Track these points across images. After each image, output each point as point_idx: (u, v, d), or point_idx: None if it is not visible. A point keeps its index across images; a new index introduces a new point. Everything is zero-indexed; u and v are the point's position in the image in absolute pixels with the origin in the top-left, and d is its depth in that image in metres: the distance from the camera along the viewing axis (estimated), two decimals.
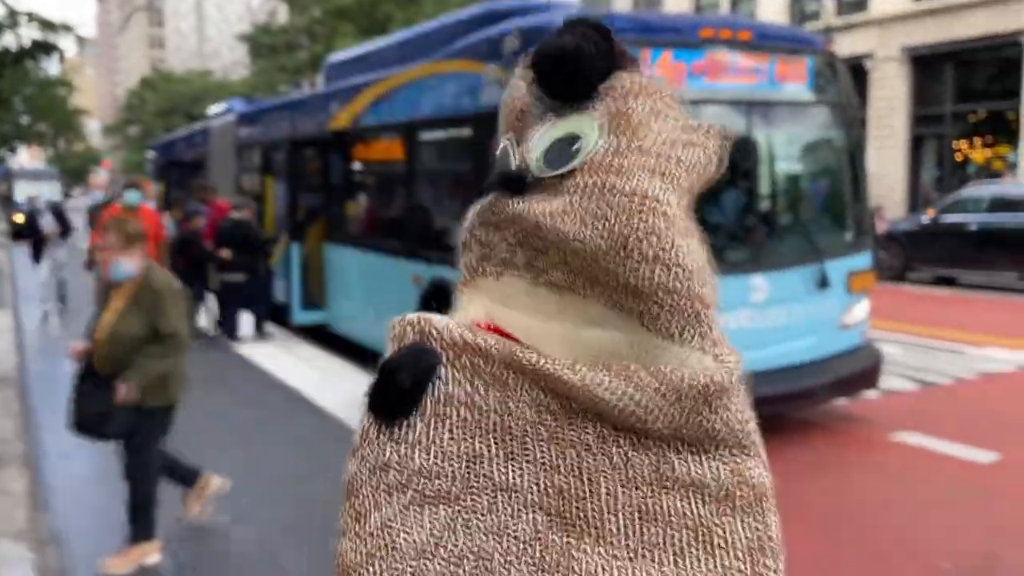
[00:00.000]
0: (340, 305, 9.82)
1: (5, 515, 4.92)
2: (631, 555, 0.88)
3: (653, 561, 0.88)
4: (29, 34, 16.72)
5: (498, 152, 0.99)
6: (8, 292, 14.93)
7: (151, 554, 4.34)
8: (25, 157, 66.63)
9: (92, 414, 4.25)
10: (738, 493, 0.91)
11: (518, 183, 0.93)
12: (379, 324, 8.63)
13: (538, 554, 0.88)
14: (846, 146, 6.99)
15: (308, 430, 6.66)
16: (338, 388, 7.74)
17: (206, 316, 10.74)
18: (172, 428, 4.50)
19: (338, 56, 11.69)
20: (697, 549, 0.89)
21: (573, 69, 0.94)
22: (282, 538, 4.66)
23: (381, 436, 0.89)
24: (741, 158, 6.33)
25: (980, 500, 5.32)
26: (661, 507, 0.89)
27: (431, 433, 0.88)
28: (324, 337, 10.19)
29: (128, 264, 4.33)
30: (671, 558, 0.88)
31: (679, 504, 0.89)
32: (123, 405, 4.18)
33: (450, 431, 0.88)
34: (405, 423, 0.89)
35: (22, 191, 33.06)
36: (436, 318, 0.92)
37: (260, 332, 10.45)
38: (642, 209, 0.87)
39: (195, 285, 10.11)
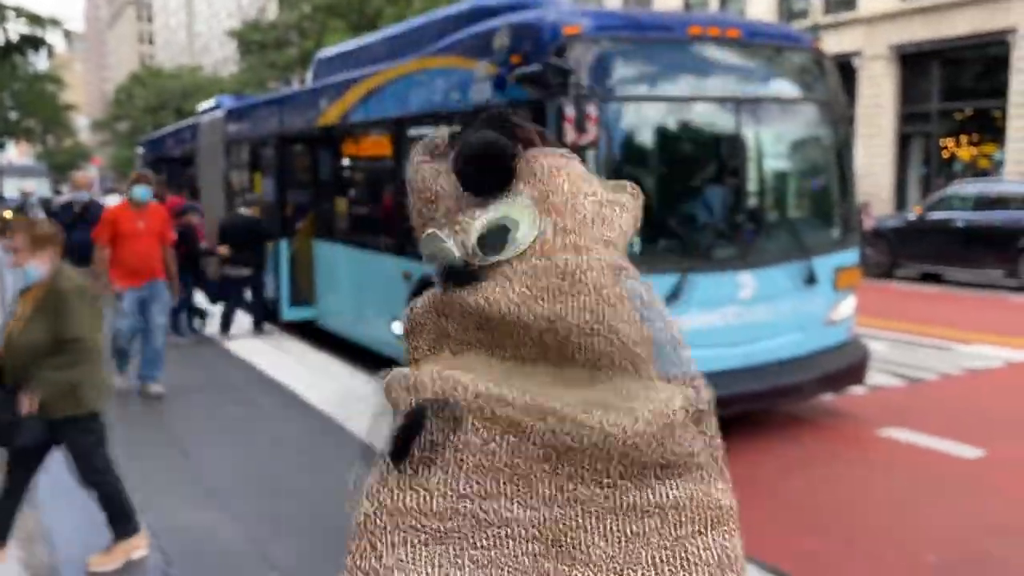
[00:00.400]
0: (329, 301, 9.82)
1: None
2: (615, 574, 1.00)
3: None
4: (17, 29, 16.64)
5: (428, 239, 1.11)
6: None
7: (138, 549, 4.34)
8: (14, 153, 66.21)
9: (2, 424, 4.03)
10: (709, 514, 1.04)
11: (468, 278, 1.05)
12: (369, 321, 8.64)
13: None
14: (834, 143, 7.03)
15: (297, 426, 6.66)
16: (326, 385, 7.74)
17: (197, 313, 10.70)
18: (104, 433, 4.34)
19: (327, 52, 11.68)
20: (673, 565, 1.01)
21: (486, 173, 1.06)
22: (271, 534, 4.66)
23: (401, 482, 0.99)
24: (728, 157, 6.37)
25: (966, 495, 5.37)
26: (643, 529, 1.02)
27: (450, 479, 0.99)
28: (312, 333, 10.18)
29: (37, 267, 4.14)
30: (651, 574, 1.01)
31: (658, 525, 1.02)
32: (29, 416, 3.99)
33: (467, 475, 0.99)
34: (426, 470, 0.99)
35: (11, 187, 32.86)
36: (459, 373, 1.03)
37: (259, 328, 10.44)
38: (581, 284, 1.03)
39: (189, 281, 10.07)
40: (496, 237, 1.05)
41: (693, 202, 6.53)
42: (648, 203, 5.94)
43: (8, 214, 27.87)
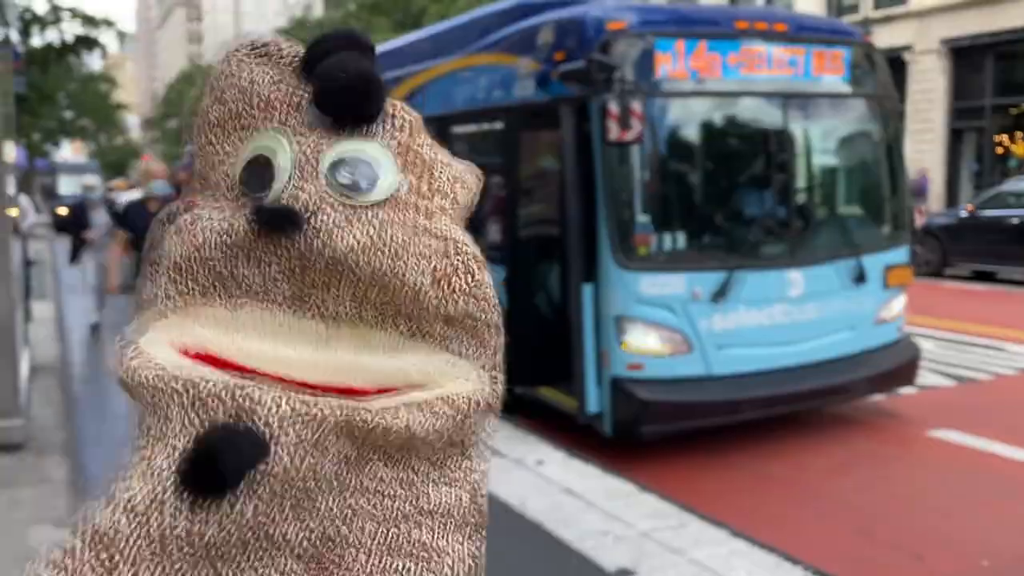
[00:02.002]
0: None
1: (46, 502, 5.02)
2: None
3: None
4: (72, 29, 16.98)
5: (265, 136, 0.95)
6: (50, 283, 15.19)
7: None
8: (68, 151, 67.65)
9: None
10: (471, 519, 0.98)
11: (294, 223, 0.89)
12: None
13: None
14: (884, 139, 6.90)
15: None
16: None
17: None
18: None
19: None
20: None
21: (369, 97, 0.94)
22: None
23: (177, 509, 0.86)
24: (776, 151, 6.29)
25: (1019, 498, 5.24)
26: (408, 539, 0.94)
27: (238, 508, 0.87)
28: None
29: None
30: None
31: (424, 536, 0.95)
32: None
33: (255, 504, 0.88)
34: (213, 500, 0.86)
35: (66, 185, 33.55)
36: (258, 390, 0.89)
37: None
38: (456, 251, 0.95)
39: None
40: (351, 174, 0.92)
41: (740, 199, 6.45)
42: (695, 199, 5.88)
43: (63, 211, 28.47)
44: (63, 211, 28.25)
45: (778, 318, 5.96)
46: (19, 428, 5.97)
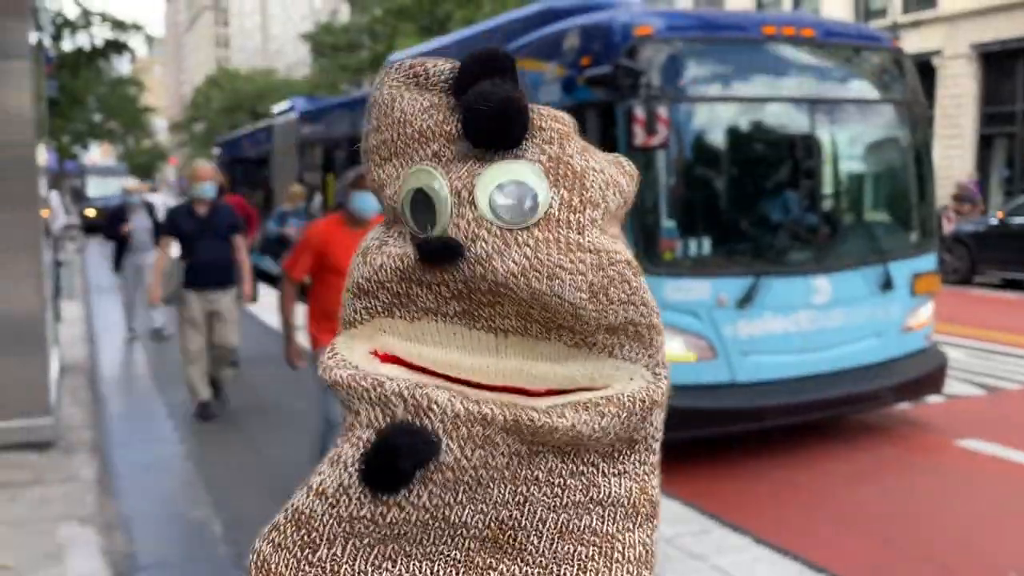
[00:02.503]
0: None
1: (75, 500, 5.08)
2: (541, 569, 1.01)
3: (559, 573, 1.02)
4: (101, 34, 17.19)
5: (420, 173, 0.98)
6: (79, 284, 15.37)
7: None
8: (97, 154, 68.40)
9: None
10: (642, 509, 1.04)
11: (453, 255, 0.95)
12: None
13: (460, 573, 1.00)
14: (912, 145, 6.85)
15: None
16: None
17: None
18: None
19: (398, 55, 11.82)
20: (598, 561, 1.02)
21: (515, 121, 0.95)
22: None
23: (363, 496, 0.96)
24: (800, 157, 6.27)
25: None
26: (579, 526, 1.01)
27: (414, 496, 0.96)
28: None
29: None
30: (574, 570, 1.01)
31: (595, 523, 1.02)
32: None
33: (431, 491, 0.96)
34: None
35: (95, 187, 33.95)
36: (435, 390, 0.97)
37: None
38: (610, 262, 0.98)
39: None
40: (509, 198, 0.95)
41: (766, 205, 6.43)
42: (720, 205, 5.85)
43: (91, 212, 28.80)
44: (91, 212, 28.62)
45: (804, 325, 5.93)
46: (49, 427, 6.05)
